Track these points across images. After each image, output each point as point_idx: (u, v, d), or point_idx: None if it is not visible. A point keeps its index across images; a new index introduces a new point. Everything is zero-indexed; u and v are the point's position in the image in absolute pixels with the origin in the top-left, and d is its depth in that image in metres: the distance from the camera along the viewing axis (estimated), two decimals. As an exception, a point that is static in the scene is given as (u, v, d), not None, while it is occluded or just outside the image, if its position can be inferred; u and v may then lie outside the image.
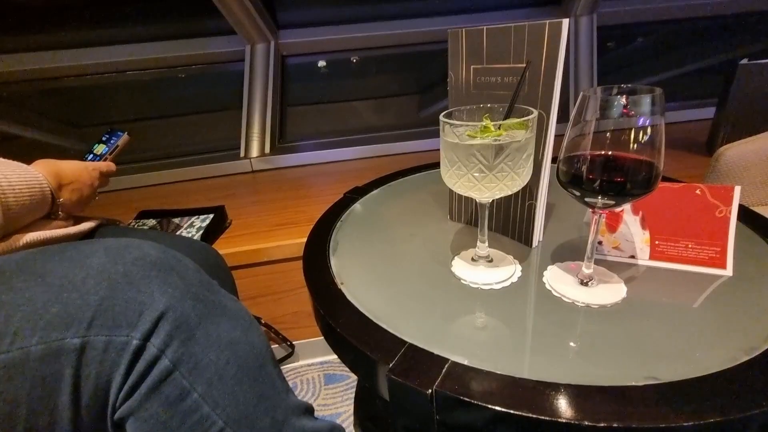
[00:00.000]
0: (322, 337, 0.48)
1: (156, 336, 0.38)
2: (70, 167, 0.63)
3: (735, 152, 0.85)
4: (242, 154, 1.59)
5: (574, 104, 0.38)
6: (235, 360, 0.42)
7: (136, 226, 1.06)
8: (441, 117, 0.43)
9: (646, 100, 0.35)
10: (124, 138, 0.74)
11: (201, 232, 0.99)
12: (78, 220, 0.65)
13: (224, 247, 0.99)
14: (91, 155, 0.72)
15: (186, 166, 1.54)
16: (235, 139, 1.61)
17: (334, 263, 0.55)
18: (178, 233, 1.00)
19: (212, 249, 0.75)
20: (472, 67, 0.51)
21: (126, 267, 0.40)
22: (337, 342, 0.45)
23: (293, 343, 1.12)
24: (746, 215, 0.55)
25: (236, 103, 1.63)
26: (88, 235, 0.65)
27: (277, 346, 1.13)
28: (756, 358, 0.34)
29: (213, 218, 1.05)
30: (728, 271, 0.45)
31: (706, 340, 0.37)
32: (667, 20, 1.73)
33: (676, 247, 0.48)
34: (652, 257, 0.48)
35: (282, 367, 1.11)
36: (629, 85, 0.37)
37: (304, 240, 0.61)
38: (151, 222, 1.07)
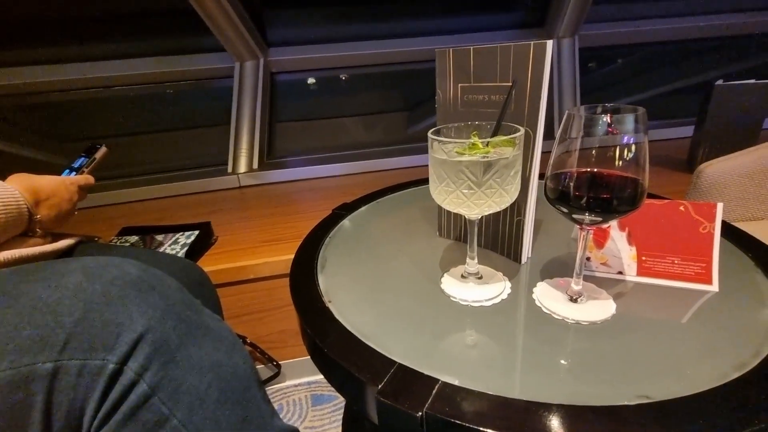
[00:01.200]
0: (310, 357, 0.47)
1: (134, 359, 0.37)
2: (47, 182, 0.61)
3: (715, 169, 0.88)
4: (230, 170, 1.57)
5: (558, 123, 0.39)
6: (217, 383, 0.40)
7: (117, 243, 1.03)
8: (429, 134, 0.43)
9: (629, 119, 0.36)
10: (102, 151, 0.73)
11: (185, 248, 0.96)
12: (56, 238, 0.63)
13: (209, 264, 0.97)
14: (67, 170, 0.70)
15: (172, 181, 1.52)
16: (223, 154, 1.60)
17: (322, 281, 0.54)
18: (161, 250, 0.97)
19: (196, 266, 0.74)
20: (459, 85, 0.52)
21: (104, 286, 0.38)
22: (324, 362, 0.43)
23: (279, 363, 1.09)
24: (729, 231, 0.56)
25: (224, 119, 1.62)
26: (67, 253, 0.63)
27: (262, 366, 1.10)
28: (746, 375, 0.34)
29: (198, 235, 1.03)
30: (714, 287, 0.46)
31: (696, 356, 0.37)
32: (645, 43, 1.80)
33: (663, 263, 0.48)
34: (639, 273, 0.49)
35: (268, 388, 1.08)
36: (613, 104, 0.38)
37: (292, 257, 0.60)
38: (134, 239, 1.04)
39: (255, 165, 1.58)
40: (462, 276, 0.51)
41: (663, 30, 1.75)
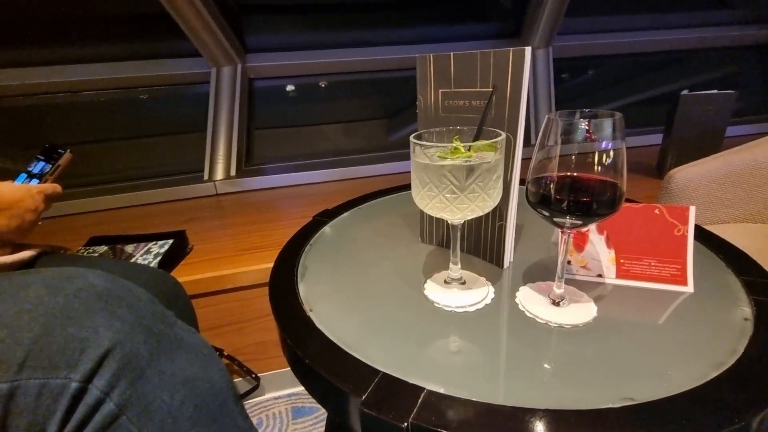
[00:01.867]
0: (290, 368, 0.45)
1: (99, 377, 0.34)
2: (9, 190, 0.58)
3: (684, 174, 0.91)
4: (206, 177, 1.53)
5: (535, 131, 0.39)
6: (191, 399, 0.38)
7: (84, 253, 0.98)
8: (411, 138, 0.42)
9: (607, 124, 0.37)
10: (66, 156, 0.68)
11: (159, 258, 0.93)
12: (16, 249, 0.59)
13: (184, 274, 0.93)
14: (24, 174, 0.66)
15: (144, 189, 1.46)
16: (199, 162, 1.56)
17: (303, 289, 0.53)
18: (132, 260, 0.93)
19: (170, 277, 0.71)
20: (440, 90, 0.52)
21: (67, 299, 0.36)
22: (305, 373, 0.42)
23: (258, 375, 1.06)
24: (700, 234, 0.58)
25: (199, 126, 1.58)
26: (27, 265, 0.59)
27: (241, 379, 1.06)
28: (724, 373, 0.35)
29: (172, 244, 0.99)
30: (689, 288, 0.47)
31: (676, 357, 0.38)
32: (615, 54, 1.88)
33: (640, 265, 0.49)
34: (618, 275, 0.50)
35: (247, 402, 1.04)
36: (591, 110, 0.38)
37: (271, 265, 0.58)
38: (103, 249, 1.00)
39: (232, 172, 1.55)
40: (445, 281, 0.51)
41: (632, 42, 1.83)
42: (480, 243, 0.56)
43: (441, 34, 1.72)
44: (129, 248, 0.98)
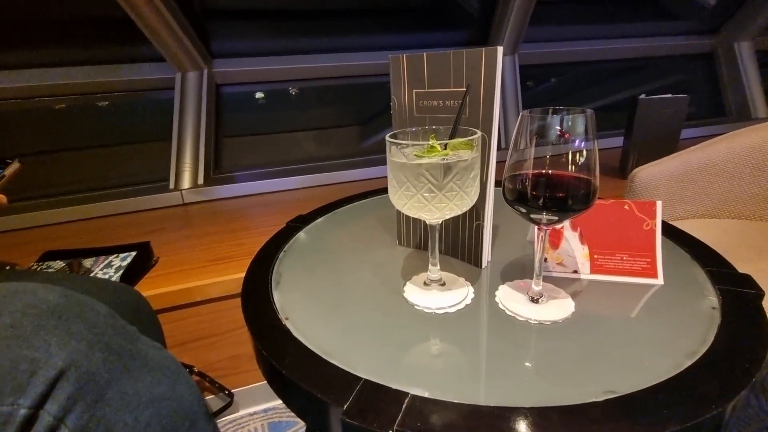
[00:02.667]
0: (265, 382, 0.43)
1: (52, 401, 0.31)
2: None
3: (646, 173, 0.95)
4: (172, 186, 1.47)
5: (505, 136, 0.39)
6: (158, 420, 0.35)
7: (38, 269, 0.91)
8: (387, 138, 0.42)
9: (580, 121, 0.37)
10: (13, 166, 0.64)
11: (120, 272, 0.87)
12: (-45, 265, 0.54)
13: (149, 288, 0.88)
14: None
15: (104, 200, 1.38)
16: (164, 171, 1.50)
17: (278, 297, 0.50)
18: (92, 275, 0.87)
19: (133, 290, 0.66)
20: (414, 91, 0.52)
21: (13, 317, 0.33)
22: (282, 385, 0.40)
23: (232, 391, 1.01)
24: (666, 228, 0.60)
25: (164, 134, 1.52)
26: (-31, 282, 0.53)
27: (213, 396, 1.01)
28: (698, 362, 0.36)
29: (135, 256, 0.94)
30: (660, 281, 0.48)
31: (652, 348, 0.39)
32: (576, 62, 1.96)
33: (613, 260, 0.50)
34: (592, 271, 0.50)
35: (220, 420, 0.99)
36: (564, 108, 0.39)
37: (243, 275, 0.55)
38: (59, 264, 0.93)
39: (200, 180, 1.49)
40: (424, 283, 0.50)
41: (592, 50, 1.92)
42: (458, 244, 0.56)
43: (411, 41, 1.74)
44: (87, 262, 0.92)
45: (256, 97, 1.69)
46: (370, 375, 0.36)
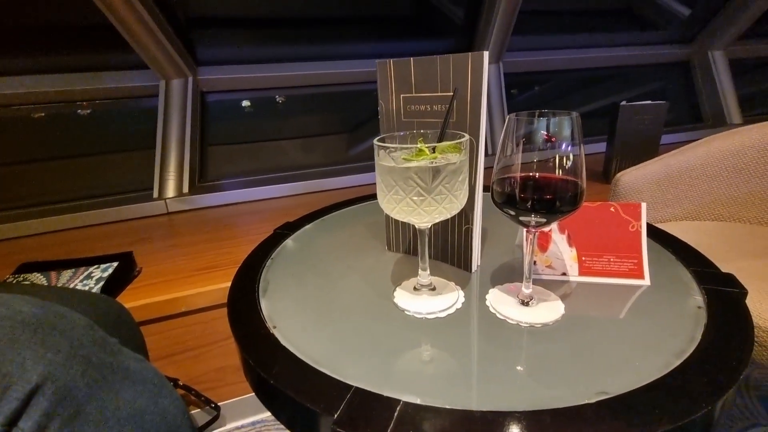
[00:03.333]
0: (253, 394, 0.41)
1: (27, 418, 0.29)
2: None
3: (629, 177, 0.97)
4: (156, 195, 1.44)
5: (491, 142, 0.40)
6: (140, 436, 0.34)
7: (13, 281, 0.87)
8: (375, 141, 0.42)
9: (566, 123, 0.38)
10: None
11: (101, 283, 0.84)
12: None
13: (132, 299, 0.86)
14: None
15: (86, 209, 1.35)
16: (147, 179, 1.47)
17: (265, 305, 0.49)
18: (71, 287, 0.84)
19: (114, 302, 0.64)
20: (401, 95, 0.52)
21: (-16, 330, 0.31)
22: (270, 396, 0.39)
23: (218, 404, 0.98)
24: (650, 230, 0.61)
25: (148, 142, 1.49)
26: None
27: (199, 410, 0.98)
28: (686, 361, 0.36)
29: (117, 267, 0.91)
30: (646, 281, 0.49)
31: (642, 348, 0.39)
32: (559, 70, 2.00)
33: (600, 262, 0.50)
34: (581, 273, 0.51)
35: (205, 436, 0.96)
36: (550, 111, 0.39)
37: (229, 284, 0.54)
38: (36, 276, 0.89)
39: (185, 189, 1.47)
40: (414, 288, 0.50)
41: (574, 59, 1.96)
42: (447, 248, 0.56)
43: (397, 49, 1.76)
44: (66, 274, 0.89)
45: (243, 105, 1.68)
46: (361, 383, 0.36)
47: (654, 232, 0.61)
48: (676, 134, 1.92)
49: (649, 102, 1.32)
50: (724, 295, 0.45)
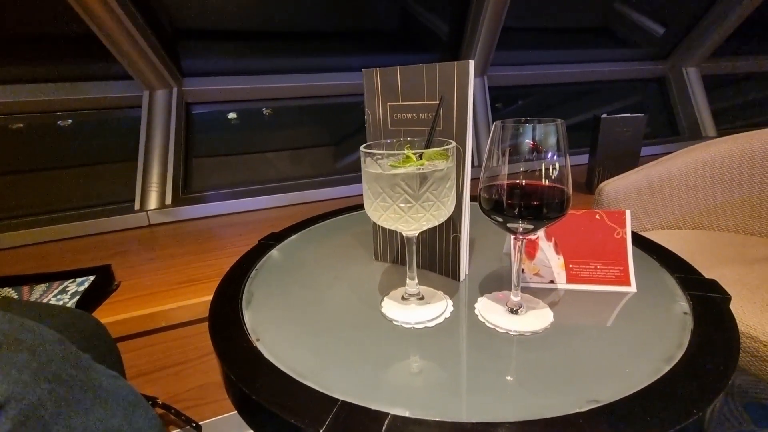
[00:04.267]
0: (236, 412, 0.40)
1: (-15, 442, 0.27)
2: None
3: (612, 187, 0.99)
4: (137, 207, 1.40)
5: (477, 154, 0.40)
6: (111, 458, 0.32)
7: (-18, 297, 0.83)
8: (362, 148, 0.41)
9: (551, 130, 0.38)
10: None
11: (77, 297, 0.81)
12: None
13: (109, 314, 0.82)
14: None
15: (63, 222, 1.30)
16: (129, 192, 1.43)
17: (248, 318, 0.48)
18: (45, 301, 0.81)
19: (89, 317, 0.61)
20: (388, 104, 0.52)
21: (-58, 347, 0.29)
22: (253, 413, 0.37)
23: (199, 423, 0.95)
24: (634, 238, 0.62)
25: (130, 153, 1.46)
26: None
27: (179, 430, 0.94)
28: (675, 367, 0.36)
29: (94, 281, 0.88)
30: (633, 288, 0.49)
31: (631, 354, 0.39)
32: (541, 84, 2.05)
33: (587, 269, 0.51)
34: (568, 280, 0.51)
35: (185, 457, 0.92)
36: (536, 118, 0.40)
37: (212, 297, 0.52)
38: (6, 291, 0.85)
39: (168, 201, 1.44)
40: (402, 298, 0.49)
41: (557, 74, 2.02)
42: (435, 257, 0.56)
43: (383, 62, 1.76)
44: (40, 288, 0.85)
45: (229, 117, 1.66)
46: (348, 396, 0.34)
47: (638, 240, 0.62)
48: (655, 146, 1.98)
49: (628, 115, 1.35)
50: (708, 300, 0.45)
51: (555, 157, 0.39)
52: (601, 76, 2.12)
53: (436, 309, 0.47)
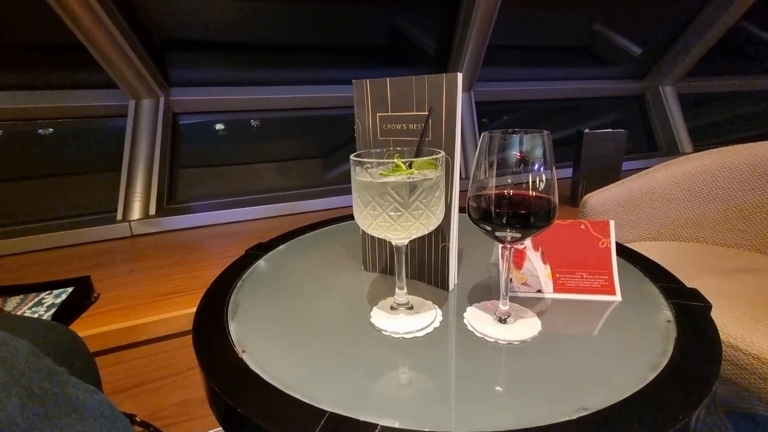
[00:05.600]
0: (219, 428, 0.38)
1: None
2: None
3: (596, 199, 1.01)
4: (119, 217, 1.37)
5: (465, 168, 0.40)
6: (86, 477, 0.30)
7: (-49, 310, 0.79)
8: (352, 157, 0.41)
9: (537, 141, 0.39)
10: None
11: (53, 310, 0.78)
12: None
13: (87, 327, 0.79)
14: None
15: (40, 232, 1.26)
16: (112, 201, 1.40)
17: (234, 328, 0.47)
18: (19, 313, 0.77)
19: (66, 330, 0.59)
20: (378, 114, 0.52)
21: None
22: (238, 426, 0.36)
23: (180, 442, 0.91)
24: (618, 248, 0.63)
25: (113, 163, 1.44)
26: None
27: (157, 450, 0.90)
28: (661, 374, 0.36)
29: (72, 292, 0.85)
30: (618, 297, 0.50)
31: (617, 362, 0.39)
32: (526, 100, 2.11)
33: (573, 278, 0.51)
34: (555, 290, 0.51)
35: (163, 478, 0.88)
36: (522, 130, 0.41)
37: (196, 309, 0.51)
38: (-22, 304, 0.82)
39: (151, 211, 1.41)
40: (391, 308, 0.49)
41: (542, 90, 2.08)
42: (424, 267, 0.56)
43: (371, 75, 1.79)
44: (14, 300, 0.82)
45: (216, 128, 1.65)
46: (336, 407, 0.34)
47: (622, 250, 0.63)
48: (635, 161, 2.04)
49: (610, 130, 1.40)
50: (690, 309, 0.46)
51: (542, 167, 0.39)
52: (583, 93, 2.19)
53: (425, 319, 0.46)
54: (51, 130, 1.42)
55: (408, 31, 1.75)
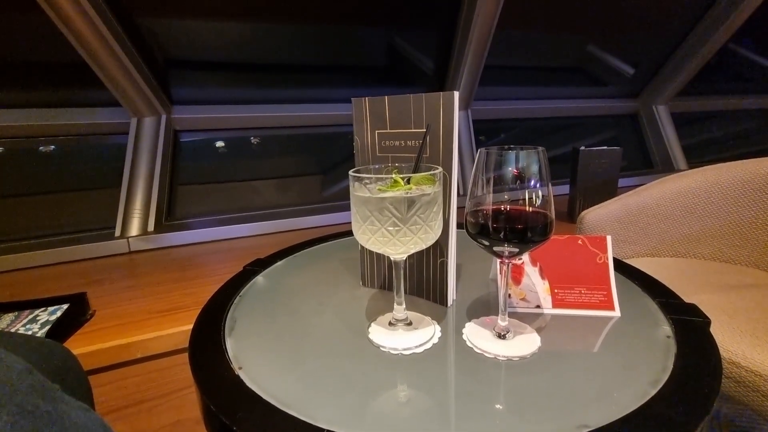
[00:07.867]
0: (214, 445, 0.38)
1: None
2: None
3: (593, 216, 1.02)
4: (117, 234, 1.37)
5: (462, 184, 0.41)
6: (77, 498, 0.29)
7: (-56, 328, 0.78)
8: (351, 173, 0.42)
9: (533, 157, 0.40)
10: None
11: (48, 327, 0.77)
12: None
13: (82, 344, 0.78)
14: None
15: (36, 249, 1.26)
16: (111, 218, 1.40)
17: (231, 345, 0.46)
18: (13, 330, 0.76)
19: (60, 347, 0.58)
20: (376, 131, 0.53)
21: None
22: (233, 446, 0.35)
23: (173, 464, 0.89)
24: (615, 263, 0.63)
25: (113, 180, 1.44)
26: None
27: (149, 473, 0.88)
28: (661, 390, 0.36)
29: (67, 309, 0.84)
30: (617, 312, 0.50)
31: (617, 378, 0.39)
32: (522, 119, 2.15)
33: (572, 294, 0.51)
34: (554, 305, 0.51)
35: (155, 503, 0.85)
36: (518, 146, 0.41)
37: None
38: (-29, 321, 0.81)
39: (150, 227, 1.41)
40: (390, 324, 0.48)
41: (537, 109, 2.12)
42: (422, 283, 0.56)
43: (369, 94, 1.82)
44: (7, 318, 0.81)
45: (216, 145, 1.67)
46: (334, 425, 0.33)
47: (620, 266, 0.63)
48: (631, 178, 2.06)
49: (605, 147, 1.42)
50: (689, 324, 0.46)
51: (538, 182, 0.40)
52: (578, 112, 2.23)
53: (424, 335, 0.46)
54: (52, 147, 1.44)
55: (406, 51, 1.79)
